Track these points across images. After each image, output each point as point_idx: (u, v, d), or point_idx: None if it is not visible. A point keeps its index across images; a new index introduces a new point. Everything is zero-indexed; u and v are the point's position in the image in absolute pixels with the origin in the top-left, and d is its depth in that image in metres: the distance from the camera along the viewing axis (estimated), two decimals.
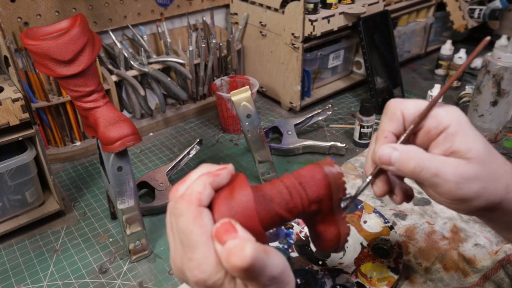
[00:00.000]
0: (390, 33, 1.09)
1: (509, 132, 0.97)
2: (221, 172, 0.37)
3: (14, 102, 0.62)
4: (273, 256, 0.34)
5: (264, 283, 0.33)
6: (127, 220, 0.63)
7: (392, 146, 0.40)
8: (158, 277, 0.64)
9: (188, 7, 1.08)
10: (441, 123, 0.39)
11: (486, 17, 1.28)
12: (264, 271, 0.32)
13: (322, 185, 0.40)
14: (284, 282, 0.35)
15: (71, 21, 0.56)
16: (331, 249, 0.45)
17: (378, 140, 0.43)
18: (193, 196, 0.34)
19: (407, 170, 0.39)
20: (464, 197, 0.38)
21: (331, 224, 0.43)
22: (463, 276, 0.61)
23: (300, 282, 0.60)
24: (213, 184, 0.36)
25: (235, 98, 0.73)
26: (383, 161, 0.40)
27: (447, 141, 0.39)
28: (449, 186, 0.38)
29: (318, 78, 1.15)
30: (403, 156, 0.39)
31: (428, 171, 0.38)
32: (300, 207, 0.40)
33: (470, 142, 0.39)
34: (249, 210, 0.35)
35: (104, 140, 0.57)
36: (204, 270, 0.33)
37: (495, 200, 0.39)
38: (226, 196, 0.36)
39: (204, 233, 0.33)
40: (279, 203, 0.39)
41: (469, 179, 0.38)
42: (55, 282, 0.63)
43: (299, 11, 0.94)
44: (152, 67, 0.97)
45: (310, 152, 0.92)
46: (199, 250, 0.33)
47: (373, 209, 0.72)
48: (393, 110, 0.42)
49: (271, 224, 0.39)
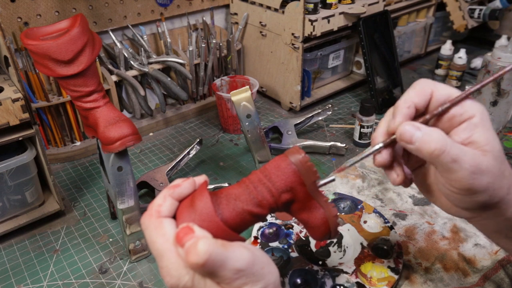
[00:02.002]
0: (390, 33, 1.09)
1: (509, 132, 0.97)
2: (182, 183, 0.39)
3: (14, 102, 0.62)
4: (234, 250, 0.34)
5: (230, 276, 0.34)
6: (127, 220, 0.63)
7: (415, 125, 0.40)
8: (158, 277, 0.64)
9: (188, 7, 1.08)
10: (467, 112, 0.40)
11: (486, 17, 1.28)
12: (225, 265, 0.33)
13: (289, 173, 0.40)
14: (257, 275, 0.35)
15: (71, 21, 0.56)
16: (324, 235, 0.43)
17: (398, 109, 0.41)
18: (153, 209, 0.37)
19: (427, 151, 0.39)
20: (473, 188, 0.39)
21: (313, 209, 0.42)
22: (463, 276, 0.61)
23: (300, 282, 0.60)
24: (174, 195, 0.39)
25: (235, 98, 0.73)
26: (404, 138, 0.40)
27: (468, 131, 0.39)
28: (463, 174, 0.38)
29: (318, 78, 1.15)
30: (425, 138, 0.39)
31: (448, 155, 0.38)
32: (270, 198, 0.39)
33: (489, 136, 0.39)
34: (209, 213, 0.37)
35: (104, 140, 0.57)
36: (172, 275, 0.35)
37: (496, 198, 0.40)
38: (187, 205, 0.38)
39: (166, 241, 0.36)
40: (245, 199, 0.39)
41: (483, 171, 0.38)
42: (55, 282, 0.64)
43: (299, 11, 0.94)
44: (152, 67, 0.97)
45: (310, 152, 0.92)
46: (164, 257, 0.35)
47: (373, 209, 0.72)
48: (423, 86, 0.42)
49: (240, 222, 0.39)
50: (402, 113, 0.41)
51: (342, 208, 0.73)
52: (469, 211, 0.43)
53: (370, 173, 0.83)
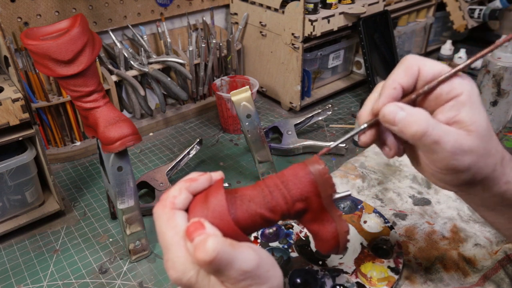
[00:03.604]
0: (390, 33, 1.09)
1: (509, 132, 0.97)
2: (199, 177, 0.39)
3: (14, 102, 0.62)
4: (243, 251, 0.34)
5: (235, 277, 0.34)
6: (127, 220, 0.63)
7: (399, 105, 0.39)
8: (158, 277, 0.64)
9: (188, 7, 1.08)
10: (454, 89, 0.39)
11: (486, 17, 1.28)
12: (232, 265, 0.33)
13: (306, 182, 0.40)
14: (262, 278, 0.35)
15: (71, 21, 0.56)
16: (332, 249, 0.43)
17: (385, 89, 0.41)
18: (168, 200, 0.37)
19: (409, 133, 0.38)
20: (456, 168, 0.39)
21: (325, 222, 0.42)
22: (463, 276, 0.61)
23: (300, 282, 0.60)
24: (190, 189, 0.38)
25: (235, 98, 0.73)
26: (387, 119, 0.39)
27: (454, 110, 0.39)
28: (445, 155, 0.38)
29: (318, 78, 1.15)
30: (408, 118, 0.38)
31: (430, 137, 0.38)
32: (284, 205, 0.39)
33: (475, 115, 0.39)
34: (222, 211, 0.36)
35: (104, 140, 0.57)
36: (177, 269, 0.34)
37: (481, 176, 0.40)
38: (201, 200, 0.38)
39: (176, 233, 0.35)
40: (259, 202, 0.39)
41: (465, 152, 0.38)
42: (55, 282, 0.64)
43: (299, 11, 0.94)
44: (152, 67, 0.97)
45: (310, 152, 0.92)
46: (172, 250, 0.35)
47: (373, 209, 0.72)
48: (410, 64, 0.41)
49: (251, 224, 0.38)
50: (387, 94, 0.41)
51: (342, 208, 0.73)
52: (455, 187, 0.43)
53: (370, 173, 0.83)
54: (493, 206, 0.45)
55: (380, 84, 0.43)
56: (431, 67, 0.40)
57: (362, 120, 0.43)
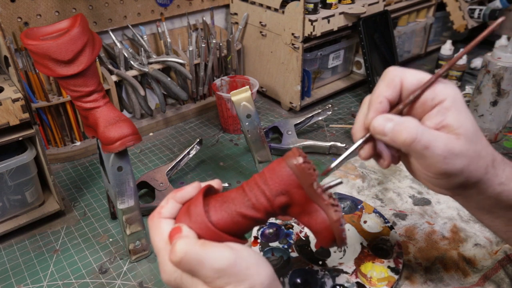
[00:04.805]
0: (390, 33, 1.09)
1: (509, 132, 0.97)
2: (186, 186, 0.42)
3: (14, 102, 0.62)
4: (214, 250, 0.36)
5: (210, 275, 0.35)
6: (127, 220, 0.63)
7: (387, 117, 0.40)
8: (158, 277, 0.64)
9: (188, 7, 1.08)
10: (438, 96, 0.40)
11: (486, 17, 1.28)
12: (204, 264, 0.35)
13: (283, 176, 0.40)
14: (239, 276, 0.36)
15: (71, 21, 0.56)
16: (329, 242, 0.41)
17: (371, 104, 0.42)
18: (155, 211, 0.41)
19: (399, 141, 0.39)
20: (448, 172, 0.39)
21: (313, 213, 0.41)
22: (463, 276, 0.61)
23: (300, 282, 0.60)
24: (176, 198, 0.41)
25: (235, 98, 0.73)
26: (377, 131, 0.40)
27: (440, 115, 0.40)
28: (436, 160, 0.39)
29: (318, 78, 1.15)
30: (396, 127, 0.39)
31: (420, 143, 0.39)
32: (265, 202, 0.39)
33: (462, 119, 0.39)
34: (200, 215, 0.39)
35: (104, 140, 0.57)
36: (165, 271, 0.38)
37: (474, 179, 0.41)
38: (185, 207, 0.41)
39: (161, 239, 0.39)
40: (239, 202, 0.40)
41: (457, 155, 0.39)
42: (55, 282, 0.64)
43: (299, 11, 0.94)
44: (152, 67, 0.97)
45: (310, 152, 0.92)
46: (160, 254, 0.38)
47: (373, 209, 0.72)
48: (392, 77, 0.42)
49: (234, 224, 0.39)
50: (374, 109, 0.42)
51: (342, 208, 0.73)
52: (449, 190, 0.43)
53: (370, 173, 0.83)
54: (489, 209, 0.45)
55: (366, 98, 0.44)
56: (413, 77, 0.41)
57: (357, 136, 0.44)
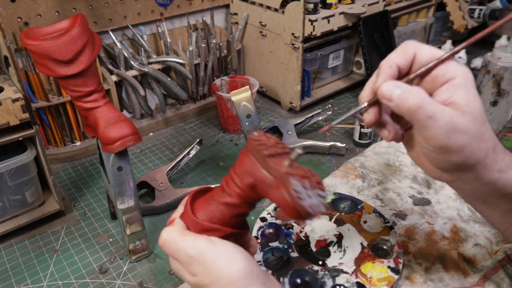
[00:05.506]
0: (390, 33, 1.09)
1: (509, 132, 0.97)
2: None
3: (14, 102, 0.62)
4: (189, 238, 0.41)
5: (185, 260, 0.41)
6: (127, 220, 0.63)
7: (396, 83, 0.40)
8: (158, 277, 0.64)
9: (188, 7, 1.08)
10: (449, 72, 0.40)
11: (486, 17, 1.28)
12: (179, 250, 0.41)
13: (243, 156, 0.42)
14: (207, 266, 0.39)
15: (71, 21, 0.56)
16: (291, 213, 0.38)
17: (381, 68, 0.42)
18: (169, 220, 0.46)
19: (404, 107, 0.39)
20: (448, 147, 0.40)
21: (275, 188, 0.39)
22: (463, 276, 0.61)
23: (300, 282, 0.60)
24: None
25: (235, 98, 0.73)
26: (384, 96, 0.41)
27: (449, 91, 0.40)
28: (438, 132, 0.39)
29: (318, 78, 1.15)
30: (403, 94, 0.39)
31: (424, 111, 0.39)
32: (234, 186, 0.41)
33: (470, 97, 0.40)
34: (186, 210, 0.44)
35: (104, 140, 0.57)
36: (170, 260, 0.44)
37: (473, 160, 0.41)
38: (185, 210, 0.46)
39: None
40: (218, 192, 0.43)
41: (459, 131, 0.39)
42: (55, 282, 0.63)
43: (299, 11, 0.94)
44: (152, 67, 0.97)
45: (311, 152, 0.92)
46: None
47: (373, 209, 0.72)
48: (406, 47, 0.42)
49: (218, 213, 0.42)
50: (384, 73, 0.42)
51: (342, 208, 0.73)
52: (448, 173, 0.43)
53: (370, 173, 0.83)
54: (486, 198, 0.45)
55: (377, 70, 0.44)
56: (428, 51, 0.42)
57: (363, 100, 0.44)
